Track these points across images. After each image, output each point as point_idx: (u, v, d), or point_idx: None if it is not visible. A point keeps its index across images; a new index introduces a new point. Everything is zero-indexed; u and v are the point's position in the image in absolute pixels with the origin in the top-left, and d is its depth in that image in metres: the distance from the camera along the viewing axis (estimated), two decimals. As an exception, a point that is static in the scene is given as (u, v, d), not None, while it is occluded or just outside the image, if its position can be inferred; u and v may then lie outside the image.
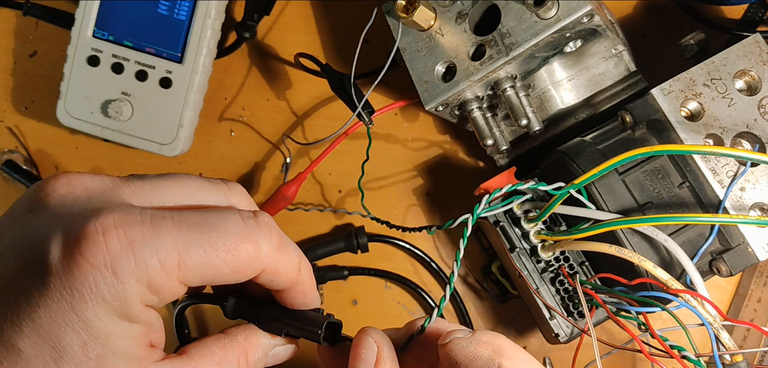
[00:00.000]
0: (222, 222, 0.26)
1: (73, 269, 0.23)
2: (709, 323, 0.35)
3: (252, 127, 0.54)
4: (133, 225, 0.24)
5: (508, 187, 0.40)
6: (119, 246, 0.23)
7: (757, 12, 0.48)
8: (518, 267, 0.42)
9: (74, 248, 0.23)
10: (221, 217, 0.26)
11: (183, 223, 0.25)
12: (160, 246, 0.24)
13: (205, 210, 0.26)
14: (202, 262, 0.25)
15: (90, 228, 0.23)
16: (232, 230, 0.26)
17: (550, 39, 0.41)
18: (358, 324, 0.54)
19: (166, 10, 0.49)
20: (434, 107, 0.43)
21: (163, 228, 0.24)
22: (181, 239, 0.24)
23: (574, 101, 0.47)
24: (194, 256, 0.25)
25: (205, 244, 0.25)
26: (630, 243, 0.38)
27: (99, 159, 0.54)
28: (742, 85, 0.41)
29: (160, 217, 0.24)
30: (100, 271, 0.23)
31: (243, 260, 0.26)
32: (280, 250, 0.27)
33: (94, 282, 0.23)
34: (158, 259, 0.24)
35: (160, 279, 0.24)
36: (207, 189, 0.28)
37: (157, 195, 0.26)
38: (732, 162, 0.39)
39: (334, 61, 0.51)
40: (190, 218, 0.25)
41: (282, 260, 0.27)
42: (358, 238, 0.50)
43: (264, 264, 0.27)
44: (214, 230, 0.25)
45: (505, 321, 0.51)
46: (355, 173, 0.49)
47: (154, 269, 0.24)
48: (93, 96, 0.49)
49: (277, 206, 0.49)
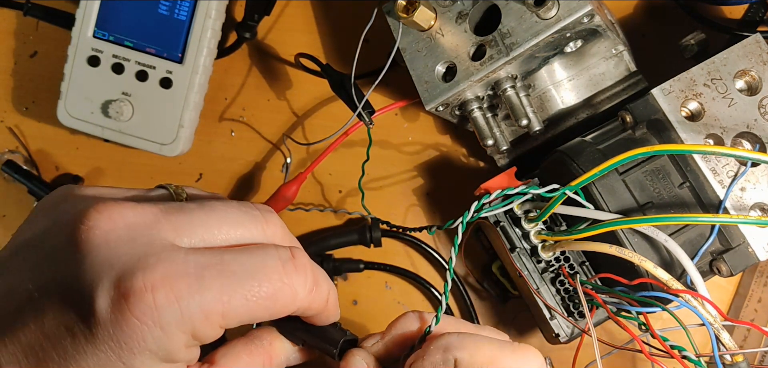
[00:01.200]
0: (262, 268, 0.26)
1: (122, 323, 0.23)
2: (710, 323, 0.35)
3: (252, 127, 0.54)
4: (179, 279, 0.24)
5: (498, 192, 0.41)
6: (166, 302, 0.24)
7: (758, 12, 0.48)
8: (518, 267, 0.42)
9: (123, 303, 0.23)
10: (262, 262, 0.26)
11: (226, 272, 0.25)
12: (205, 300, 0.24)
13: (247, 252, 0.26)
14: (243, 310, 0.25)
15: (138, 283, 0.23)
16: (272, 277, 0.26)
17: (550, 39, 0.41)
18: (359, 324, 0.54)
19: (167, 11, 0.49)
20: (434, 107, 0.43)
21: (208, 280, 0.25)
22: (225, 291, 0.25)
23: (574, 101, 0.47)
24: (236, 306, 0.25)
25: (247, 294, 0.25)
26: (630, 243, 0.38)
27: (99, 159, 0.54)
28: (742, 85, 0.41)
29: (204, 267, 0.25)
30: (149, 326, 0.23)
31: (280, 304, 0.27)
32: (313, 291, 0.28)
33: (142, 337, 0.24)
34: (203, 311, 0.24)
35: (203, 327, 0.25)
36: (245, 223, 0.28)
37: (198, 232, 0.26)
38: (732, 162, 0.39)
39: (335, 62, 0.51)
40: (233, 265, 0.25)
41: (315, 299, 0.28)
42: (371, 232, 0.50)
43: (298, 305, 0.28)
44: (255, 279, 0.26)
45: (505, 321, 0.51)
46: (355, 173, 0.49)
47: (199, 320, 0.24)
48: (93, 96, 0.49)
49: (277, 207, 0.49)
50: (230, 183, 0.54)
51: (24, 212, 0.55)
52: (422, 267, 0.52)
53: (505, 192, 0.41)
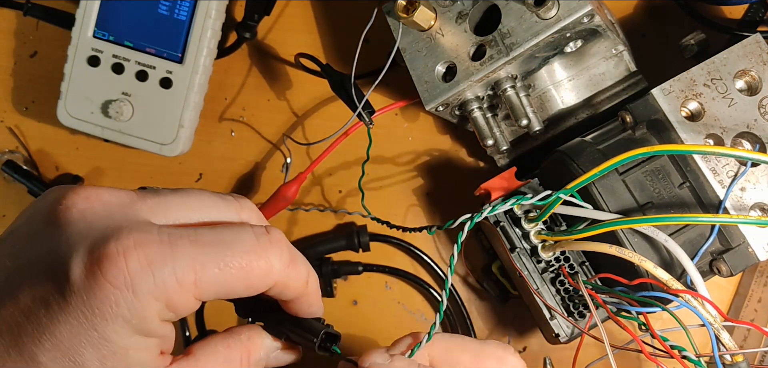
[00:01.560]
0: (236, 240, 0.26)
1: (95, 288, 0.24)
2: (710, 323, 0.35)
3: (252, 127, 0.54)
4: (151, 245, 0.24)
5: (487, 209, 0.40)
6: (139, 266, 0.24)
7: (758, 12, 0.48)
8: (519, 267, 0.42)
9: (96, 268, 0.24)
10: (235, 234, 0.27)
11: (199, 241, 0.26)
12: (178, 266, 0.25)
13: (220, 227, 0.27)
14: (217, 279, 0.26)
15: (111, 249, 0.24)
16: (246, 248, 0.26)
17: (550, 39, 0.41)
18: (359, 324, 0.54)
19: (167, 11, 0.49)
20: (434, 107, 0.43)
21: (181, 247, 0.25)
22: (198, 258, 0.25)
23: (574, 101, 0.47)
24: (210, 274, 0.25)
25: (220, 262, 0.26)
26: (630, 243, 0.38)
27: (99, 159, 0.54)
28: (742, 86, 0.41)
29: (178, 236, 0.25)
30: (121, 290, 0.24)
31: (256, 277, 0.27)
32: (290, 266, 0.28)
33: (114, 301, 0.24)
34: (176, 278, 0.25)
35: (177, 296, 0.25)
36: (220, 206, 0.28)
37: (172, 212, 0.27)
38: (732, 162, 0.39)
39: (335, 62, 0.51)
40: (206, 236, 0.26)
41: (292, 275, 0.28)
42: (359, 237, 0.50)
43: (275, 280, 0.28)
44: (229, 248, 0.26)
45: (505, 321, 0.51)
46: (355, 173, 0.49)
47: (172, 288, 0.25)
48: (93, 96, 0.49)
49: (277, 207, 0.49)
50: (230, 183, 0.54)
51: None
52: (422, 268, 0.52)
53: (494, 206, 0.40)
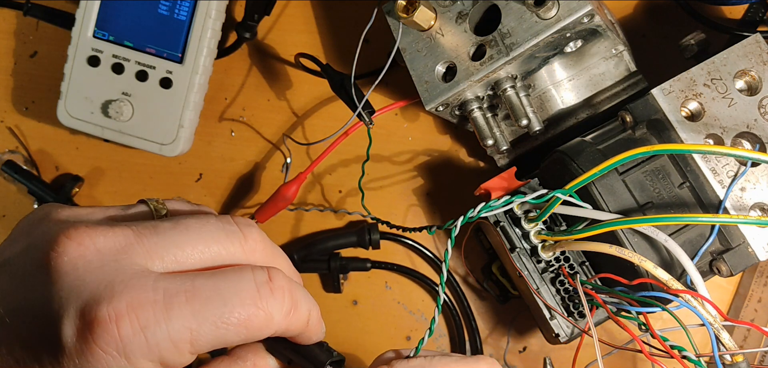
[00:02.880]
0: (235, 292, 0.25)
1: (86, 354, 0.23)
2: (710, 323, 0.35)
3: (252, 127, 0.54)
4: (145, 307, 0.23)
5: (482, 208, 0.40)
6: (131, 331, 0.23)
7: (758, 12, 0.48)
8: (518, 267, 0.42)
9: (87, 333, 0.23)
10: (235, 284, 0.26)
11: (196, 297, 0.25)
12: (173, 328, 0.24)
13: (219, 274, 0.26)
14: (214, 336, 0.25)
15: (102, 313, 0.23)
16: (245, 301, 0.25)
17: (550, 39, 0.41)
18: (359, 324, 0.54)
19: (167, 11, 0.49)
20: (434, 107, 0.43)
21: (176, 307, 0.24)
22: (194, 318, 0.24)
23: (574, 101, 0.47)
24: (206, 331, 0.25)
25: (217, 320, 0.25)
26: (630, 243, 0.38)
27: (99, 159, 0.54)
28: (742, 86, 0.41)
29: (173, 293, 0.24)
30: (112, 356, 0.23)
31: (254, 328, 0.26)
32: (291, 314, 0.27)
33: (107, 366, 0.23)
34: (170, 339, 0.24)
35: (171, 355, 0.24)
36: (222, 240, 0.27)
37: (171, 253, 0.26)
38: (732, 162, 0.39)
39: (335, 62, 0.51)
40: (204, 290, 0.25)
41: (293, 321, 0.27)
42: (370, 234, 0.50)
43: (275, 329, 0.27)
44: (227, 304, 0.25)
45: (505, 321, 0.51)
46: (355, 173, 0.49)
47: (166, 349, 0.24)
48: (93, 96, 0.49)
49: (277, 207, 0.49)
50: (230, 183, 0.54)
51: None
52: (423, 267, 0.52)
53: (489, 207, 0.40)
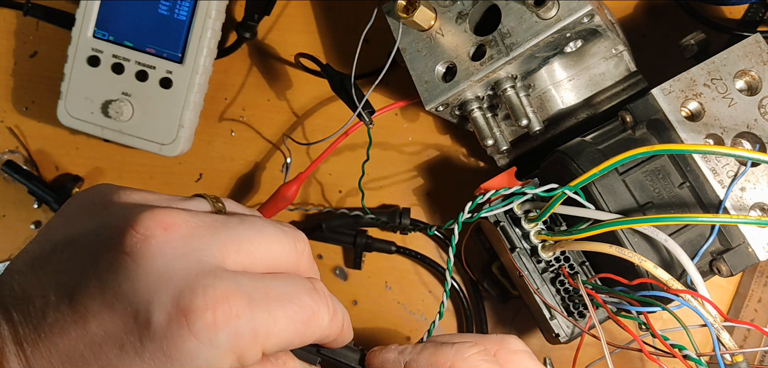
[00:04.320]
0: (298, 295, 0.27)
1: (177, 338, 0.23)
2: (710, 323, 0.35)
3: (252, 127, 0.54)
4: (235, 299, 0.24)
5: (493, 192, 0.41)
6: (224, 321, 0.24)
7: (758, 12, 0.48)
8: (519, 267, 0.42)
9: (182, 318, 0.23)
10: (296, 289, 0.27)
11: (270, 296, 0.26)
12: (256, 321, 0.25)
13: (281, 278, 0.27)
14: (284, 334, 0.26)
15: (200, 301, 0.23)
16: (305, 304, 0.27)
17: (550, 39, 0.41)
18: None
19: (167, 11, 0.49)
20: (434, 107, 0.43)
21: (257, 302, 0.25)
22: (270, 315, 0.25)
23: (574, 101, 0.47)
24: (279, 329, 0.26)
25: (289, 317, 0.26)
26: (630, 243, 0.38)
27: (99, 159, 0.54)
28: (742, 85, 0.41)
29: (254, 289, 0.25)
30: (203, 343, 0.23)
31: (311, 332, 0.27)
32: (334, 319, 0.29)
33: (195, 353, 0.23)
34: (253, 333, 0.25)
35: (249, 349, 0.25)
36: (282, 242, 0.29)
37: (243, 252, 0.27)
38: (732, 162, 0.39)
39: (335, 62, 0.51)
40: (275, 290, 0.26)
41: (334, 326, 0.29)
42: (401, 218, 0.50)
43: (322, 332, 0.28)
44: (294, 303, 0.26)
45: (505, 321, 0.51)
46: (355, 173, 0.49)
47: (247, 342, 0.25)
48: (93, 96, 0.49)
49: (277, 206, 0.49)
50: (230, 183, 0.54)
51: (24, 212, 0.55)
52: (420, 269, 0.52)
53: (503, 192, 0.41)
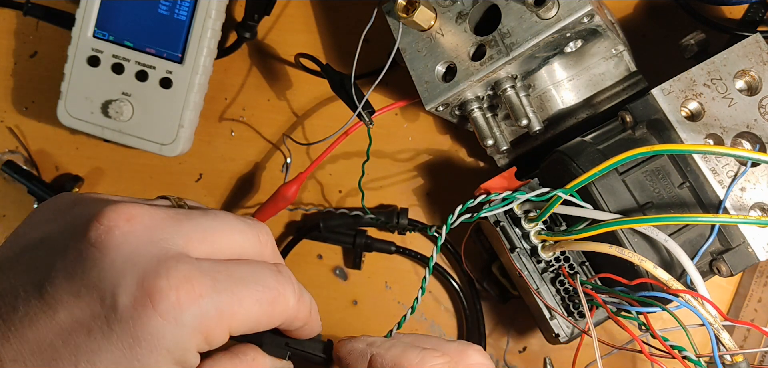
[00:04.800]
0: (262, 277, 0.28)
1: (143, 318, 0.24)
2: (710, 323, 0.35)
3: (252, 127, 0.54)
4: (199, 280, 0.26)
5: (483, 197, 0.42)
6: (188, 301, 0.25)
7: (758, 12, 0.48)
8: (518, 267, 0.42)
9: (147, 300, 0.24)
10: (260, 272, 0.29)
11: (234, 277, 0.27)
12: (220, 301, 0.26)
13: (246, 264, 0.29)
14: (249, 314, 0.27)
15: (163, 282, 0.25)
16: (270, 285, 0.28)
17: (550, 39, 0.41)
18: (359, 324, 0.54)
19: (167, 11, 0.49)
20: (434, 107, 0.43)
21: (222, 283, 0.26)
22: (235, 296, 0.27)
23: (574, 101, 0.47)
24: (245, 309, 0.27)
25: (252, 300, 0.27)
26: (630, 243, 0.38)
27: (99, 159, 0.54)
28: (742, 86, 0.41)
29: (217, 272, 0.27)
30: (168, 322, 0.24)
31: (278, 312, 0.29)
32: (300, 300, 0.30)
33: (161, 333, 0.24)
34: (217, 312, 0.26)
35: (216, 330, 0.26)
36: (244, 232, 0.30)
37: (207, 241, 0.28)
38: (732, 162, 0.39)
39: (335, 62, 0.51)
40: (238, 272, 0.28)
41: (301, 308, 0.30)
42: (399, 217, 0.50)
43: (290, 313, 0.30)
44: (258, 284, 0.28)
45: (505, 321, 0.51)
46: (355, 173, 0.49)
47: (213, 321, 0.26)
48: (93, 96, 0.49)
49: (277, 206, 0.49)
50: (230, 183, 0.54)
51: (24, 212, 0.55)
52: (420, 269, 0.52)
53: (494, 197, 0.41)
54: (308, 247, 0.53)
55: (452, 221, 0.40)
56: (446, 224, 0.40)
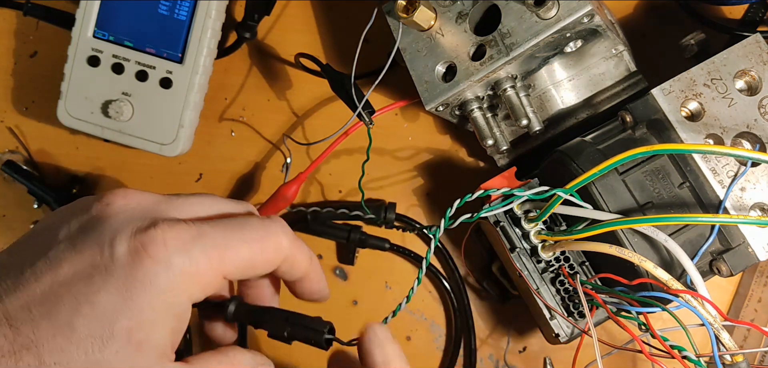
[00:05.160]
0: (249, 223, 0.31)
1: (137, 263, 0.27)
2: (710, 323, 0.35)
3: (252, 127, 0.54)
4: (185, 230, 0.29)
5: (481, 192, 0.42)
6: (176, 246, 0.28)
7: (758, 12, 0.48)
8: (518, 267, 0.42)
9: (140, 248, 0.28)
10: (248, 220, 0.31)
11: (221, 226, 0.30)
12: (207, 245, 0.29)
13: (236, 216, 0.32)
14: (239, 255, 0.30)
15: (153, 232, 0.28)
16: (259, 229, 0.31)
17: (550, 39, 0.41)
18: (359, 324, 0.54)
19: (167, 11, 0.49)
20: (434, 107, 0.43)
21: (207, 232, 0.30)
22: (222, 239, 0.30)
23: (574, 101, 0.47)
24: (233, 251, 0.30)
25: (240, 241, 0.30)
26: (630, 243, 0.38)
27: (99, 159, 0.54)
28: (742, 86, 0.41)
29: (203, 224, 0.30)
30: (160, 265, 0.27)
31: (271, 251, 0.31)
32: (295, 242, 0.33)
33: (153, 275, 0.27)
34: (206, 255, 0.29)
35: (207, 273, 0.29)
36: (229, 205, 0.33)
37: (194, 210, 0.31)
38: (732, 162, 0.39)
39: (335, 62, 0.51)
40: (226, 222, 0.31)
41: (297, 252, 0.33)
42: (386, 212, 0.50)
43: (286, 254, 0.32)
44: (245, 229, 0.31)
45: (505, 321, 0.51)
46: (355, 173, 0.49)
47: (203, 266, 0.29)
48: (93, 96, 0.49)
49: (277, 207, 0.49)
50: (230, 183, 0.54)
51: (24, 212, 0.55)
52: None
53: (489, 193, 0.41)
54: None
55: (451, 214, 0.40)
56: (445, 217, 0.40)
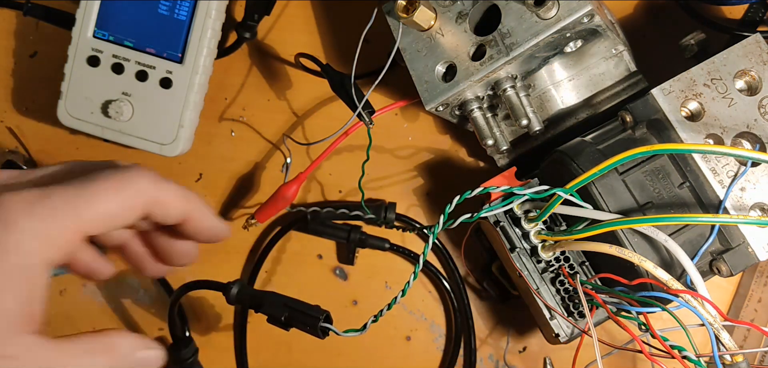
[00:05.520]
0: (102, 175, 0.30)
1: None
2: (710, 323, 0.35)
3: (252, 127, 0.54)
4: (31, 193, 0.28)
5: (481, 190, 0.41)
6: (21, 208, 0.27)
7: (758, 12, 0.48)
8: (518, 267, 0.42)
9: None
10: (102, 171, 0.30)
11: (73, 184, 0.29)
12: (56, 204, 0.28)
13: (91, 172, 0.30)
14: (94, 209, 0.29)
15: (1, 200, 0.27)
16: (113, 178, 0.30)
17: (550, 39, 0.41)
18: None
19: (167, 11, 0.49)
20: (434, 107, 0.43)
21: (56, 190, 0.28)
22: (73, 196, 0.28)
23: (574, 101, 0.47)
24: (87, 205, 0.28)
25: (93, 194, 0.29)
26: (630, 243, 0.38)
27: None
28: (742, 86, 0.41)
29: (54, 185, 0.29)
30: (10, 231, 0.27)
31: (131, 197, 0.30)
32: (160, 183, 0.31)
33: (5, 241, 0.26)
34: (56, 214, 0.28)
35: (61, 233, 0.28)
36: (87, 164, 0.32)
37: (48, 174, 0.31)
38: (732, 162, 0.39)
39: (335, 61, 0.51)
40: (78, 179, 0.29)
41: (164, 191, 0.31)
42: (386, 212, 0.50)
43: (147, 196, 0.30)
44: (98, 181, 0.29)
45: (505, 321, 0.51)
46: (355, 173, 0.49)
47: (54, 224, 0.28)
48: (93, 96, 0.49)
49: (277, 207, 0.49)
50: (230, 183, 0.54)
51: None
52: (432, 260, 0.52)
53: (489, 190, 0.41)
54: (308, 246, 0.53)
55: (451, 211, 0.40)
56: (445, 213, 0.40)
